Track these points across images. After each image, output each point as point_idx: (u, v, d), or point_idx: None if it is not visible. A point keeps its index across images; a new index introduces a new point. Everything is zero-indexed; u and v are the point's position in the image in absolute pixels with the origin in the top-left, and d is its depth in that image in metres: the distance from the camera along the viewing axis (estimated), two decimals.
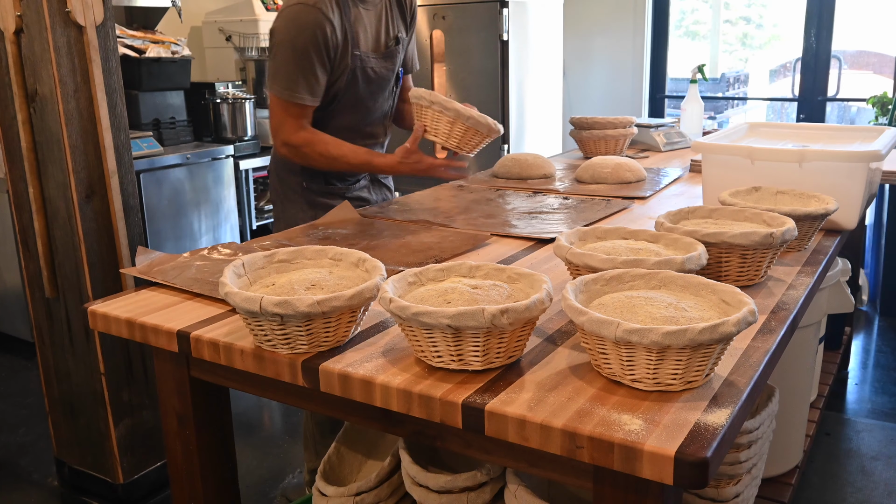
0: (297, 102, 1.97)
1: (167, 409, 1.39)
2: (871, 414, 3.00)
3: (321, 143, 2.01)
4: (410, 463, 1.36)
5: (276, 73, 1.96)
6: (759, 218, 1.47)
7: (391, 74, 2.15)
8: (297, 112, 1.99)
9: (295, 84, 1.95)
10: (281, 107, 1.98)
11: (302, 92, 1.96)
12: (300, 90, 1.96)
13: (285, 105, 1.98)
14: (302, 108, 1.99)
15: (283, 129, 2.01)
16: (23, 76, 2.16)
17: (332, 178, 2.17)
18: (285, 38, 1.93)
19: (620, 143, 2.87)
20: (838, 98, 4.81)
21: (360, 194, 2.22)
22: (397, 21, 2.15)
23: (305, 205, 2.16)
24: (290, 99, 1.96)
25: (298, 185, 2.16)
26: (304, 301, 1.07)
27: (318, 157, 2.02)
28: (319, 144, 2.01)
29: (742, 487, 1.57)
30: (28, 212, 2.29)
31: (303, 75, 1.94)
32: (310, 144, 2.01)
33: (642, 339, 0.94)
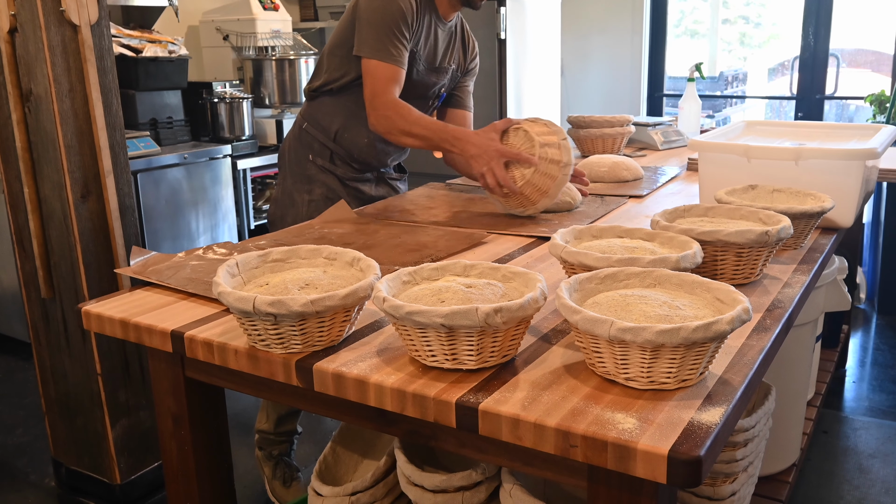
0: (391, 63, 1.98)
1: (162, 410, 1.39)
2: (869, 412, 3.00)
3: (405, 108, 1.99)
4: (406, 462, 1.35)
5: (367, 36, 1.99)
6: (755, 216, 1.47)
7: (432, 89, 2.20)
8: (390, 75, 1.99)
9: (387, 48, 1.98)
10: (374, 70, 1.99)
11: (392, 56, 1.98)
12: (391, 54, 1.98)
13: (379, 67, 1.98)
14: (393, 71, 1.99)
15: (374, 93, 2.00)
16: (17, 75, 2.15)
17: (338, 160, 2.19)
18: (376, 4, 1.98)
19: (618, 142, 2.87)
20: (836, 96, 4.81)
21: (359, 186, 2.23)
22: (457, 52, 2.24)
23: (304, 178, 2.18)
24: (385, 60, 1.98)
25: (304, 157, 2.19)
26: (298, 300, 1.07)
27: (400, 118, 1.99)
28: (403, 108, 1.99)
29: (738, 486, 1.57)
30: (23, 212, 2.28)
31: (392, 39, 1.98)
32: (395, 107, 1.99)
33: (636, 337, 0.94)
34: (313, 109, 2.21)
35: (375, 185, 2.28)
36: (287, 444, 2.37)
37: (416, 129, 1.98)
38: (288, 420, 2.32)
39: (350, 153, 2.19)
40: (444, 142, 1.98)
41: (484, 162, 1.89)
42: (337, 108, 2.16)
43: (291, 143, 2.25)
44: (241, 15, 4.26)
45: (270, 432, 2.32)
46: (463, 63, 2.28)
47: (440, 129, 2.00)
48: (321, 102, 2.19)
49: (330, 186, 2.18)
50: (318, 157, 2.18)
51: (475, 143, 1.91)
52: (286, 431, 2.34)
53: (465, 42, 2.28)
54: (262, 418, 2.33)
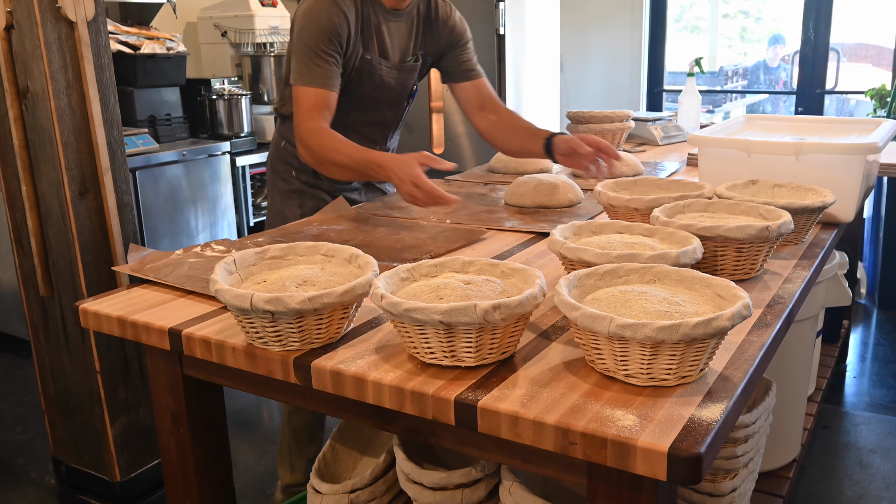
0: (309, 87, 1.88)
1: (160, 408, 1.38)
2: (870, 407, 2.99)
3: (326, 135, 1.87)
4: (405, 460, 1.35)
5: (293, 62, 1.92)
6: (756, 211, 1.46)
7: (402, 88, 2.10)
8: (313, 100, 1.88)
9: (308, 69, 1.88)
10: (297, 97, 1.90)
11: (313, 77, 1.88)
12: (312, 76, 1.88)
13: (300, 92, 1.89)
14: (315, 94, 1.88)
15: (296, 122, 1.91)
16: (14, 73, 2.14)
17: (320, 175, 2.11)
18: (300, 27, 1.90)
19: (617, 137, 2.86)
20: (836, 91, 4.80)
21: (347, 195, 2.16)
22: (422, 40, 2.09)
23: (293, 192, 2.13)
24: (303, 84, 1.88)
25: (288, 173, 2.13)
26: (296, 298, 1.06)
27: (319, 147, 1.87)
28: (324, 135, 1.87)
29: (739, 482, 1.57)
30: (21, 210, 2.27)
31: (314, 60, 1.88)
32: (315, 134, 1.87)
33: (636, 334, 0.93)
34: (287, 131, 2.11)
35: (364, 192, 2.23)
36: None
37: (338, 157, 1.85)
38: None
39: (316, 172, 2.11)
40: (366, 168, 1.83)
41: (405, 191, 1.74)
42: None
43: (274, 164, 2.19)
44: (240, 11, 4.25)
45: (301, 483, 2.19)
46: (438, 45, 2.12)
47: (361, 156, 1.83)
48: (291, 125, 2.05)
49: (320, 197, 2.12)
50: (300, 174, 2.12)
51: (395, 172, 1.75)
52: None
53: (434, 22, 2.10)
54: (286, 473, 2.19)
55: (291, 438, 2.16)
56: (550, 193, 1.99)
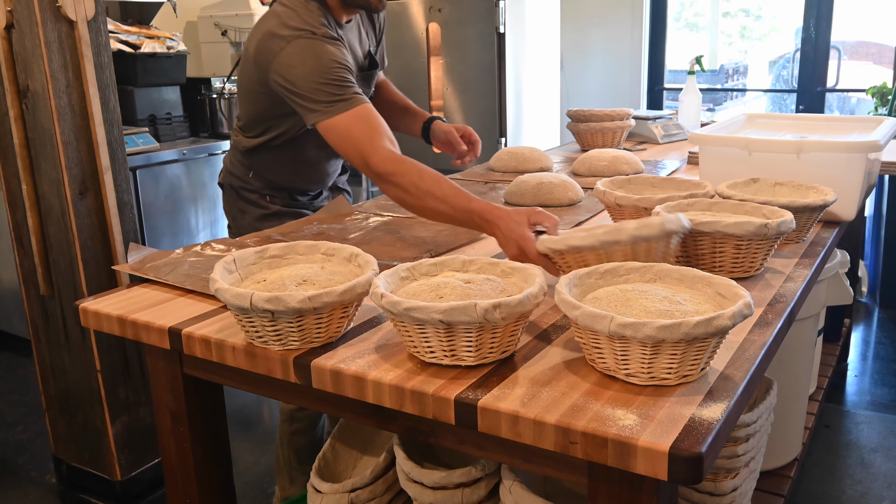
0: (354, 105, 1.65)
1: (160, 407, 1.38)
2: (871, 406, 2.99)
3: (415, 174, 1.57)
4: (405, 459, 1.35)
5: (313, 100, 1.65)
6: (759, 212, 1.46)
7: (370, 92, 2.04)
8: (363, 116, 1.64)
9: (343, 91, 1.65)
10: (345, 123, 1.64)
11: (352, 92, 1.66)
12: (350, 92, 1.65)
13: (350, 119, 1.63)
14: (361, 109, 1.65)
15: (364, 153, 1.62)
16: (14, 72, 2.14)
17: (295, 194, 2.03)
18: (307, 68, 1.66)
19: (618, 136, 2.86)
20: (838, 89, 4.79)
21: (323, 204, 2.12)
22: (371, 37, 2.03)
23: (271, 216, 1.99)
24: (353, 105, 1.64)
25: (261, 200, 2.00)
26: (295, 297, 1.06)
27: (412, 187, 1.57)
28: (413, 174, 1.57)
29: (740, 481, 1.56)
30: (22, 209, 2.27)
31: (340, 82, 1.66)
32: (401, 174, 1.58)
33: (636, 333, 0.93)
34: (253, 162, 1.98)
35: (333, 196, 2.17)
36: None
37: (437, 205, 1.55)
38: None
39: (305, 190, 2.06)
40: (469, 223, 1.52)
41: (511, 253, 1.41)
42: (277, 161, 1.97)
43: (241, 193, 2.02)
44: (240, 10, 4.25)
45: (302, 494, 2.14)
46: (375, 37, 2.05)
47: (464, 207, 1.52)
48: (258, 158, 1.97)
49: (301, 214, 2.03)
50: (275, 199, 2.00)
51: (503, 231, 1.43)
52: None
53: (371, 16, 2.02)
54: (286, 483, 2.14)
55: (293, 456, 2.13)
56: (551, 192, 1.98)
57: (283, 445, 2.14)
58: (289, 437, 2.12)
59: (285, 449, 2.13)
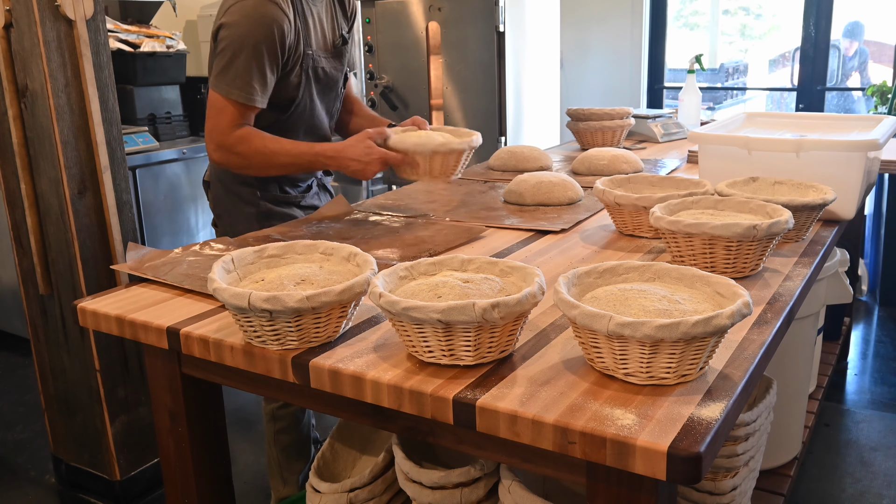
0: (245, 104, 1.79)
1: (159, 407, 1.38)
2: (871, 404, 2.99)
3: (257, 138, 1.81)
4: (404, 459, 1.35)
5: (226, 70, 1.78)
6: (763, 210, 1.46)
7: (340, 74, 2.06)
8: (240, 113, 1.81)
9: (248, 84, 1.78)
10: (223, 107, 1.79)
11: (254, 93, 1.79)
12: (253, 91, 1.79)
13: (231, 105, 1.79)
14: (247, 110, 1.82)
15: (217, 131, 1.81)
16: (13, 71, 2.14)
17: (286, 186, 2.05)
18: (240, 33, 1.77)
19: (617, 135, 2.85)
20: (837, 87, 4.79)
21: (312, 202, 2.13)
22: (341, 20, 2.06)
23: (260, 216, 2.01)
24: (240, 100, 1.78)
25: (251, 195, 2.01)
26: (294, 297, 1.06)
27: (255, 153, 1.81)
28: (255, 139, 1.81)
29: (740, 480, 1.56)
30: (20, 208, 2.27)
31: (257, 75, 1.79)
32: (246, 140, 1.80)
33: (635, 332, 0.93)
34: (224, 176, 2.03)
35: (320, 195, 2.18)
36: None
37: (280, 159, 1.82)
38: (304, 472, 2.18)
39: (296, 179, 2.08)
40: (314, 164, 1.83)
41: (371, 173, 1.80)
42: None
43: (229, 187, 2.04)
44: None
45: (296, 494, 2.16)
46: (346, 24, 2.09)
47: (305, 151, 1.82)
48: None
49: (291, 214, 2.04)
50: (266, 192, 2.02)
51: (354, 159, 1.78)
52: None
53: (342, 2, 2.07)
54: (279, 485, 2.15)
55: (280, 456, 2.13)
56: (550, 191, 1.98)
57: (270, 446, 2.14)
58: (274, 436, 2.12)
59: (273, 449, 2.13)
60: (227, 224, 2.05)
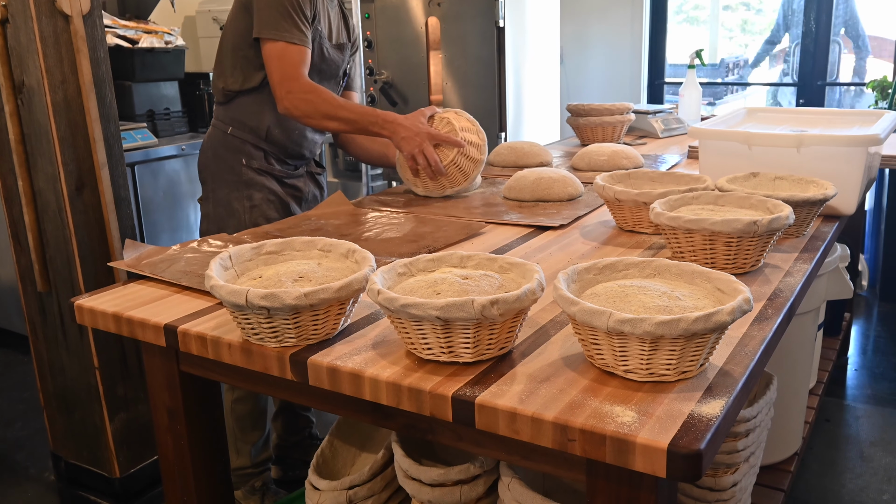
0: (299, 44, 1.94)
1: (157, 404, 1.38)
2: (871, 400, 2.98)
3: (325, 91, 1.96)
4: (403, 456, 1.34)
5: (272, 17, 1.92)
6: (764, 205, 1.45)
7: (340, 67, 2.18)
8: (302, 58, 1.95)
9: (296, 27, 1.93)
10: (283, 51, 1.93)
11: (303, 36, 1.95)
12: (302, 34, 1.94)
13: (289, 48, 1.93)
14: (304, 53, 1.96)
15: (286, 77, 1.93)
16: (9, 67, 2.13)
17: (272, 159, 2.12)
18: None
19: (618, 130, 2.85)
20: (838, 83, 4.78)
21: (295, 183, 2.19)
22: (345, 29, 2.21)
23: (241, 184, 2.08)
24: (294, 40, 1.93)
25: (237, 163, 2.08)
26: (291, 294, 1.05)
27: (323, 102, 1.94)
28: (324, 91, 1.96)
29: (740, 476, 1.56)
30: (18, 205, 2.26)
31: (300, 20, 1.94)
32: (315, 90, 1.95)
33: (635, 329, 0.92)
34: (235, 112, 2.10)
35: (307, 181, 2.23)
36: (268, 472, 2.24)
37: (342, 112, 1.96)
38: (263, 449, 2.21)
39: (284, 148, 2.13)
40: (372, 125, 1.97)
41: (416, 144, 1.95)
42: (262, 105, 2.08)
43: (217, 152, 2.12)
44: None
45: (248, 466, 2.19)
46: (349, 38, 2.24)
47: (367, 112, 1.98)
48: (241, 104, 2.09)
49: (270, 188, 2.10)
50: (252, 160, 2.09)
51: (405, 126, 1.95)
52: (264, 460, 2.21)
53: (345, 16, 2.22)
54: (233, 455, 2.17)
55: (236, 426, 2.15)
56: (550, 187, 1.97)
57: (227, 417, 2.14)
58: (231, 405, 2.14)
59: (229, 420, 2.14)
60: (209, 190, 2.14)
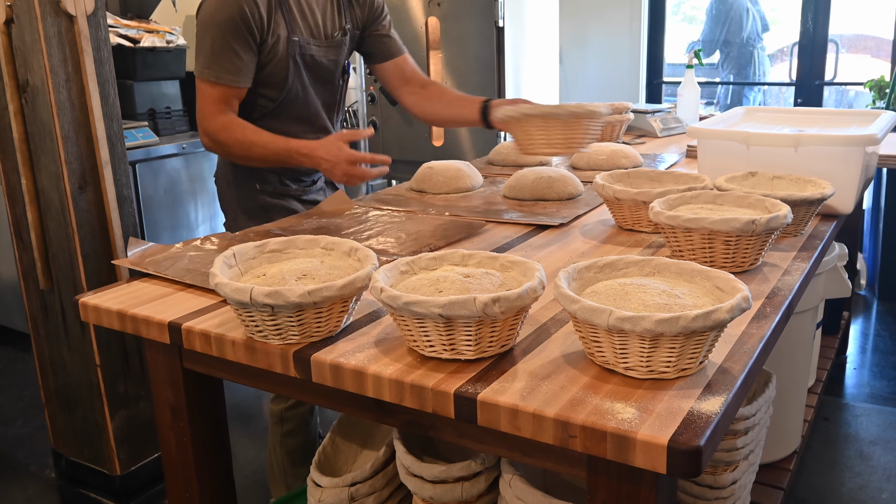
0: (217, 82, 1.84)
1: (160, 401, 1.39)
2: (870, 398, 3.00)
3: (238, 128, 1.86)
4: (405, 453, 1.35)
5: (199, 52, 1.85)
6: (762, 205, 1.46)
7: (335, 66, 2.05)
8: (220, 95, 1.85)
9: (216, 63, 1.83)
10: (201, 90, 1.87)
11: (223, 72, 1.83)
12: (222, 70, 1.83)
13: (207, 87, 1.85)
14: (224, 91, 1.85)
15: (200, 115, 1.88)
16: (14, 66, 2.14)
17: (286, 179, 2.06)
18: (206, 15, 1.84)
19: (616, 130, 2.86)
20: (836, 82, 4.79)
21: (315, 197, 2.13)
22: (345, 12, 2.04)
23: (258, 209, 2.03)
24: (212, 79, 1.84)
25: (252, 189, 2.03)
26: (295, 291, 1.06)
27: (235, 143, 1.85)
28: (237, 129, 1.86)
29: (739, 474, 1.57)
30: (21, 203, 2.27)
31: (224, 53, 1.82)
32: (227, 129, 1.85)
33: (635, 326, 0.93)
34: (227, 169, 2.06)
35: (326, 191, 2.18)
36: None
37: (256, 150, 1.85)
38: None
39: (297, 171, 2.08)
40: (290, 159, 1.85)
41: (342, 172, 1.80)
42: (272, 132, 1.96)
43: (231, 181, 2.07)
44: None
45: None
46: (360, 16, 2.08)
47: (281, 147, 1.84)
48: None
49: (289, 209, 2.05)
50: (266, 185, 2.04)
51: (324, 158, 1.80)
52: None
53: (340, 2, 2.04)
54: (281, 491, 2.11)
55: (286, 460, 2.08)
56: (549, 186, 1.99)
57: (275, 450, 2.09)
58: (281, 438, 2.07)
59: (279, 453, 2.08)
60: (231, 220, 2.07)
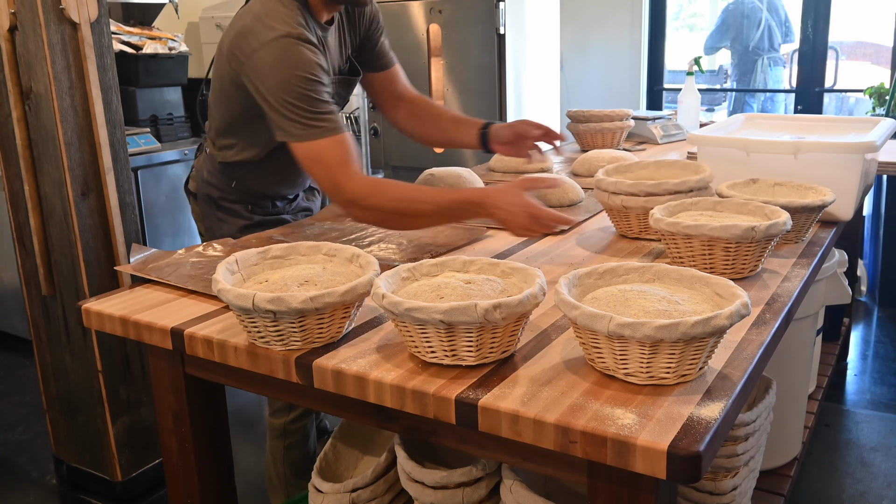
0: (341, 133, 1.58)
1: (162, 407, 1.39)
2: (871, 405, 3.00)
3: (388, 187, 1.58)
4: (406, 459, 1.36)
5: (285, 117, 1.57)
6: (762, 211, 1.47)
7: (347, 98, 1.96)
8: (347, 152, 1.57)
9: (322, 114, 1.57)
10: (321, 151, 1.56)
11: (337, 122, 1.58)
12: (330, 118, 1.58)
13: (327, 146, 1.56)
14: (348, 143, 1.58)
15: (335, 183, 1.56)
16: (17, 73, 2.15)
17: (277, 202, 1.98)
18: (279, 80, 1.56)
19: (617, 136, 2.87)
20: (835, 89, 4.80)
21: (308, 205, 2.09)
22: (347, 36, 1.90)
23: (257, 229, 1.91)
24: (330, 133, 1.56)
25: (243, 210, 1.93)
26: (297, 297, 1.07)
27: (392, 204, 1.55)
28: (387, 189, 1.57)
29: (740, 480, 1.57)
30: (24, 209, 2.28)
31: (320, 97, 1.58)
32: (378, 192, 1.55)
33: (635, 332, 0.94)
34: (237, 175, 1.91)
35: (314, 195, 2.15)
36: None
37: (419, 206, 1.54)
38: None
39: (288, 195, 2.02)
40: (462, 212, 1.54)
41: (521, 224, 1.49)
42: (266, 172, 1.89)
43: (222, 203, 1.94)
44: None
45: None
46: (355, 38, 1.93)
47: (448, 199, 1.54)
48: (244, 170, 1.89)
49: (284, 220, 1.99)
50: (257, 208, 1.94)
51: (503, 208, 1.49)
52: None
53: (350, 16, 1.89)
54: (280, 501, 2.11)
55: (289, 472, 2.08)
56: (550, 193, 1.99)
57: (276, 463, 2.08)
58: (283, 452, 2.07)
59: (280, 466, 2.07)
60: (214, 237, 1.95)
